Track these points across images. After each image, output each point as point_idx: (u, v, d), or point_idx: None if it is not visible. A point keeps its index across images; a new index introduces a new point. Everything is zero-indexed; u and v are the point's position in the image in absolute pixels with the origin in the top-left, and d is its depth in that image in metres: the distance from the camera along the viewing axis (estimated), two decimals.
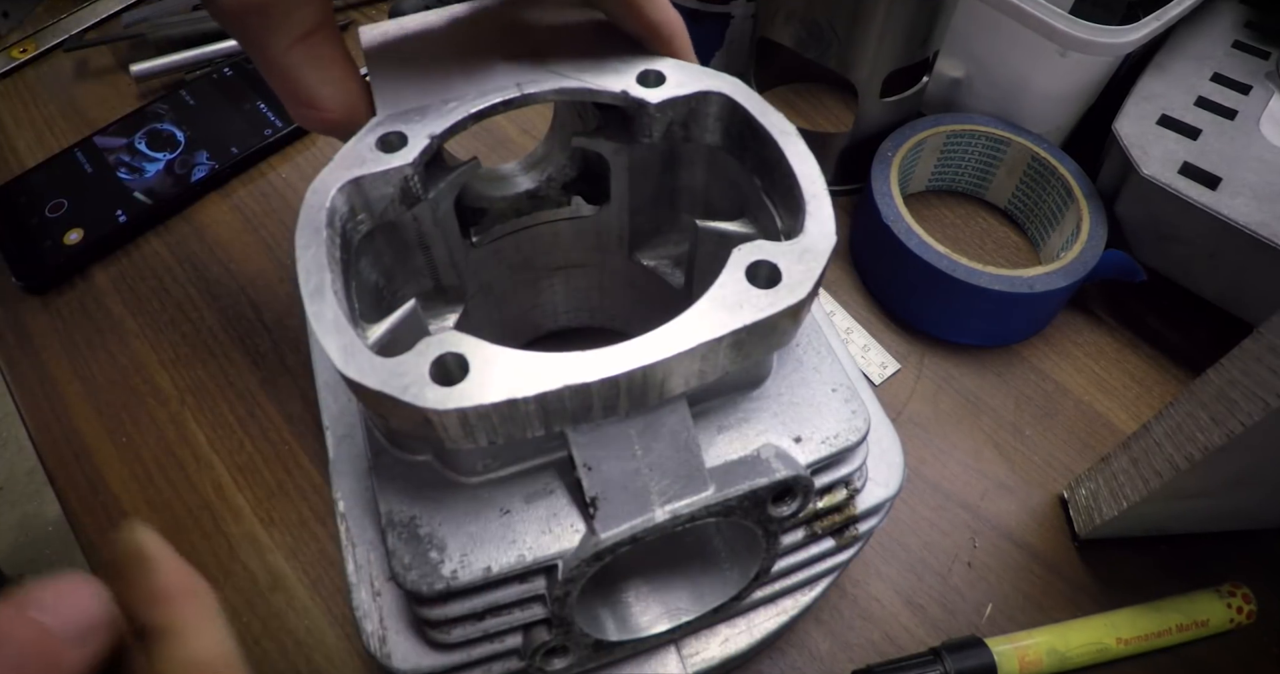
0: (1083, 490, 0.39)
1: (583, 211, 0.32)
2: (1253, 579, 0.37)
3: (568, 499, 0.23)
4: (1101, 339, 0.47)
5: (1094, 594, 0.38)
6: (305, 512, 0.40)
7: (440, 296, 0.31)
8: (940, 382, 0.45)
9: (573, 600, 0.23)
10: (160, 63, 0.57)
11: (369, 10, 0.63)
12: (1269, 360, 0.28)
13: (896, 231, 0.44)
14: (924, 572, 0.39)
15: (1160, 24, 0.44)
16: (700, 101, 0.26)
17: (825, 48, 0.46)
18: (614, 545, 0.22)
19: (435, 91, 0.25)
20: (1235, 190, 0.40)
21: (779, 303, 0.20)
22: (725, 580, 0.29)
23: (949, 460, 0.42)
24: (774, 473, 0.23)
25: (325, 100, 0.25)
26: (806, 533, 0.28)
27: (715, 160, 0.29)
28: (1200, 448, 0.31)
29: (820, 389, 0.26)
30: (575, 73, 0.26)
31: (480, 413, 0.19)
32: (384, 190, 0.24)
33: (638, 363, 0.19)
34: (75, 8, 0.62)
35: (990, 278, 0.42)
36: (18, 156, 0.54)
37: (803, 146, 0.24)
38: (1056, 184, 0.47)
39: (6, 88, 0.58)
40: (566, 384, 0.19)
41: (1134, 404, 0.44)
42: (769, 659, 0.36)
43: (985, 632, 0.36)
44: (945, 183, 0.52)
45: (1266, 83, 0.46)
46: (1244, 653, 0.37)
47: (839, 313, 0.47)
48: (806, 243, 0.21)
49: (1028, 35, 0.45)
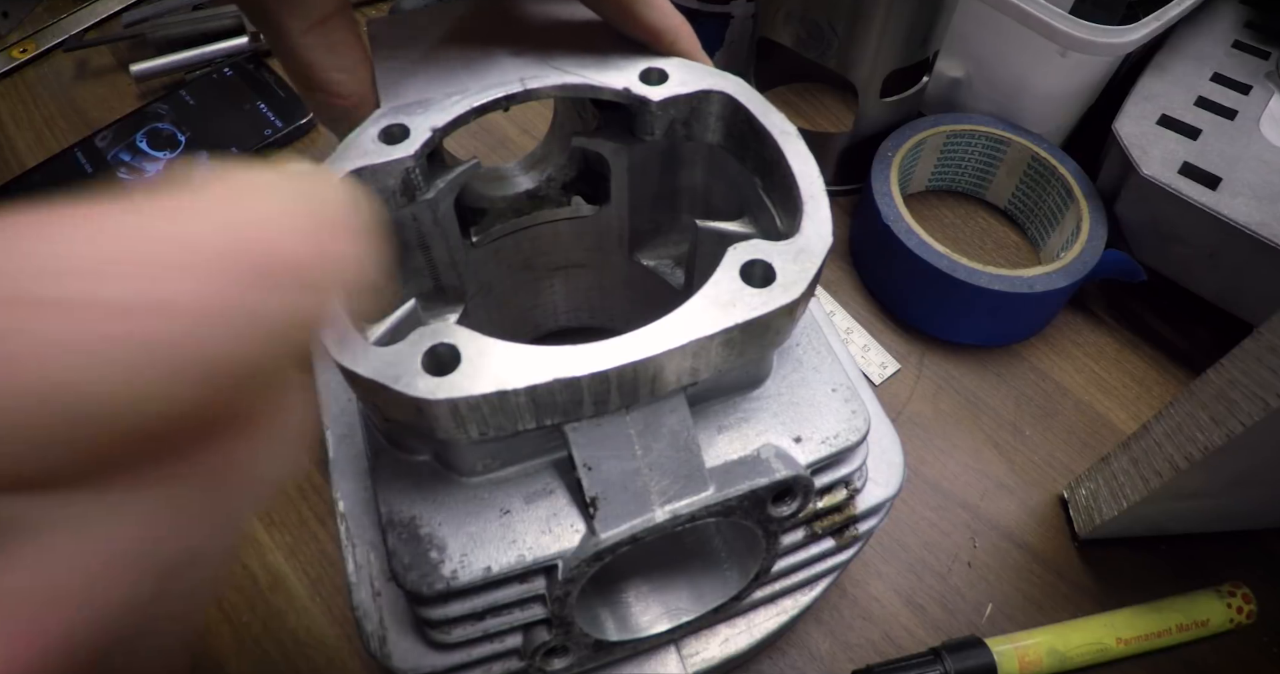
0: (1083, 490, 0.39)
1: (583, 211, 0.32)
2: (1253, 579, 0.37)
3: (568, 499, 0.23)
4: (1101, 339, 0.47)
5: (1094, 594, 0.38)
6: (305, 511, 0.40)
7: (440, 297, 0.31)
8: (940, 382, 0.45)
9: (573, 600, 0.23)
10: (160, 63, 0.57)
11: (369, 10, 0.63)
12: (1269, 360, 0.28)
13: (896, 231, 0.44)
14: (924, 572, 0.39)
15: (1160, 24, 0.44)
16: (702, 100, 0.26)
17: (825, 48, 0.46)
18: (614, 545, 0.22)
19: (438, 85, 0.25)
20: (1235, 190, 0.40)
21: (772, 302, 0.20)
22: (725, 580, 0.29)
23: (949, 460, 0.42)
24: (774, 473, 0.23)
25: (337, 85, 0.25)
26: (806, 533, 0.28)
27: (715, 160, 0.29)
28: (1200, 448, 0.31)
29: (820, 389, 0.26)
30: (578, 69, 0.26)
31: (470, 403, 0.19)
32: (385, 182, 0.24)
33: (628, 358, 0.19)
34: (75, 8, 0.62)
35: (990, 278, 0.42)
36: (18, 156, 0.54)
37: (802, 147, 0.24)
38: (1056, 184, 0.47)
39: (6, 88, 0.58)
40: (557, 377, 0.19)
41: (1134, 404, 0.44)
42: (769, 659, 0.36)
43: (985, 632, 0.36)
44: (945, 183, 0.52)
45: (1266, 83, 0.46)
46: (1244, 653, 0.37)
47: (839, 313, 0.47)
48: (802, 243, 0.21)
49: (1028, 35, 0.45)
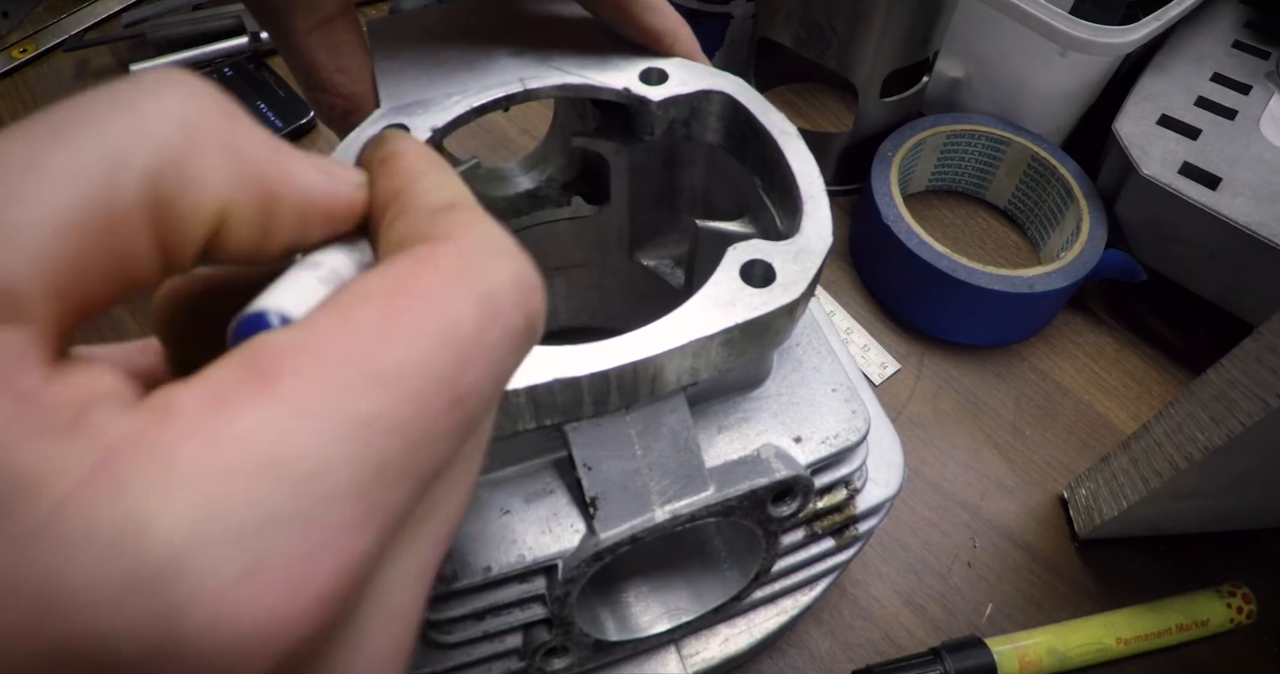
0: (1083, 490, 0.39)
1: (583, 212, 0.32)
2: (1253, 579, 0.37)
3: (568, 499, 0.23)
4: (1101, 339, 0.47)
5: (1094, 594, 0.38)
6: None
7: None
8: (940, 382, 0.45)
9: (573, 600, 0.23)
10: (160, 63, 0.57)
11: (369, 10, 0.63)
12: (1269, 360, 0.28)
13: (896, 231, 0.44)
14: (924, 572, 0.39)
15: (1160, 24, 0.44)
16: (702, 100, 0.26)
17: (825, 48, 0.46)
18: (614, 545, 0.22)
19: (438, 85, 0.25)
20: (1235, 190, 0.40)
21: (772, 302, 0.20)
22: (725, 580, 0.29)
23: (949, 460, 0.42)
24: (774, 473, 0.23)
25: (339, 86, 0.25)
26: (806, 533, 0.28)
27: (715, 160, 0.29)
28: (1200, 448, 0.31)
29: (820, 389, 0.26)
30: (578, 69, 0.26)
31: None
32: None
33: (628, 358, 0.19)
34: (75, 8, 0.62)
35: (990, 278, 0.42)
36: None
37: (802, 147, 0.24)
38: (1056, 184, 0.47)
39: (6, 88, 0.58)
40: (556, 377, 0.19)
41: (1134, 404, 0.44)
42: (769, 659, 0.36)
43: (985, 632, 0.36)
44: (945, 183, 0.52)
45: (1266, 83, 0.46)
46: (1244, 653, 0.37)
47: (839, 313, 0.47)
48: (802, 243, 0.21)
49: (1028, 35, 0.45)
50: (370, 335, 0.11)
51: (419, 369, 0.11)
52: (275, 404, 0.10)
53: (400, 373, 0.11)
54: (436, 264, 0.12)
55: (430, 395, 0.11)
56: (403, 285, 0.12)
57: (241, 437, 0.10)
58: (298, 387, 0.10)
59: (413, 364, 0.11)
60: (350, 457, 0.10)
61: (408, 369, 0.11)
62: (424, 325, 0.11)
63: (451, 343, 0.11)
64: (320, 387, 0.10)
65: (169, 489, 0.09)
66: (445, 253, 0.12)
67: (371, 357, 0.11)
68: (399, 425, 0.11)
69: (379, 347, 0.11)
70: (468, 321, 0.12)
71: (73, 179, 0.10)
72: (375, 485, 0.10)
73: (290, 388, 0.10)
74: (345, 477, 0.10)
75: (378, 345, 0.11)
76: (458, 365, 0.11)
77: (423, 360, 0.11)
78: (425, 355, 0.11)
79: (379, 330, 0.11)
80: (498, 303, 0.12)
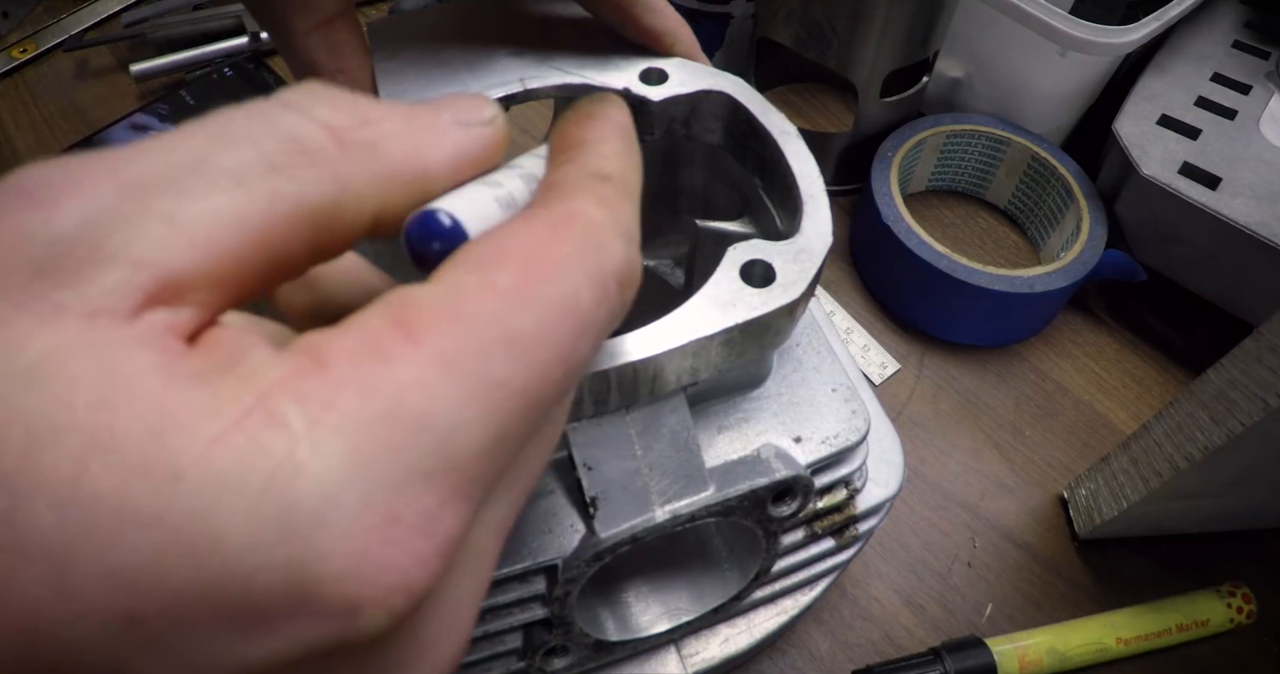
0: (1083, 490, 0.39)
1: None
2: (1253, 579, 0.37)
3: (568, 499, 0.23)
4: (1101, 339, 0.47)
5: (1094, 594, 0.38)
6: None
7: None
8: (940, 382, 0.45)
9: (573, 600, 0.23)
10: (160, 63, 0.57)
11: (369, 10, 0.63)
12: (1269, 360, 0.28)
13: (896, 231, 0.44)
14: (924, 572, 0.39)
15: (1160, 24, 0.44)
16: (702, 100, 0.26)
17: (825, 48, 0.46)
18: (614, 545, 0.22)
19: (438, 85, 0.25)
20: (1235, 190, 0.40)
21: (772, 302, 0.20)
22: (725, 580, 0.29)
23: (949, 460, 0.42)
24: (774, 473, 0.23)
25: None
26: (806, 533, 0.28)
27: (715, 160, 0.29)
28: (1200, 448, 0.31)
29: (820, 389, 0.26)
30: (578, 69, 0.26)
31: None
32: None
33: (628, 358, 0.19)
34: (75, 8, 0.62)
35: (990, 278, 0.42)
36: (17, 157, 0.54)
37: (802, 147, 0.24)
38: (1056, 184, 0.47)
39: (6, 88, 0.58)
40: None
41: (1134, 404, 0.44)
42: (769, 659, 0.36)
43: (985, 632, 0.36)
44: (945, 183, 0.52)
45: (1266, 83, 0.46)
46: (1244, 653, 0.37)
47: (839, 313, 0.47)
48: (802, 243, 0.21)
49: (1028, 35, 0.45)
50: (505, 302, 0.11)
51: (545, 339, 0.12)
52: (421, 359, 0.10)
53: (531, 341, 0.11)
54: (570, 233, 0.13)
55: (550, 365, 0.12)
56: (537, 252, 0.12)
57: (392, 388, 0.10)
58: (442, 344, 0.11)
59: (540, 333, 0.12)
60: (481, 416, 0.11)
61: (537, 338, 0.11)
62: (553, 297, 0.12)
63: (572, 316, 0.12)
64: (462, 346, 0.11)
65: (323, 435, 0.10)
66: (577, 224, 0.13)
67: (506, 322, 0.11)
68: (522, 389, 0.11)
69: (513, 314, 0.11)
70: (586, 298, 0.12)
71: (238, 185, 0.11)
72: (496, 444, 0.11)
73: (434, 344, 0.11)
74: (476, 434, 0.11)
75: (512, 312, 0.11)
76: (574, 338, 0.12)
77: (549, 331, 0.12)
78: (551, 327, 0.12)
79: (514, 298, 0.11)
80: (609, 284, 0.13)
